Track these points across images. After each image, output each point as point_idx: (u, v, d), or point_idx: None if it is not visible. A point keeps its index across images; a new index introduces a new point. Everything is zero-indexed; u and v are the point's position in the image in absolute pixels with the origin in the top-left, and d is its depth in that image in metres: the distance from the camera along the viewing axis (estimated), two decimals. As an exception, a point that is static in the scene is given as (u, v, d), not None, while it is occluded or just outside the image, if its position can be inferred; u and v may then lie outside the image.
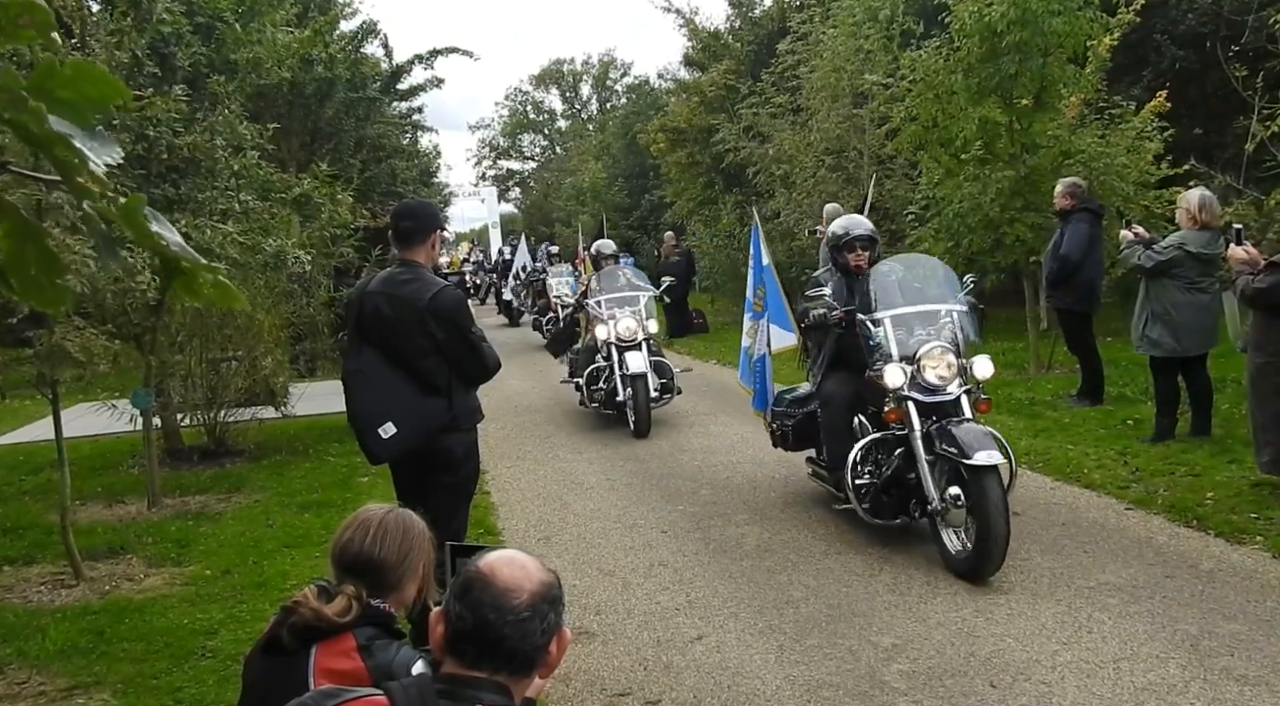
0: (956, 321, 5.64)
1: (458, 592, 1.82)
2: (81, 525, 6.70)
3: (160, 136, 7.26)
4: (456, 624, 1.80)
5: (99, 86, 1.03)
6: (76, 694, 4.37)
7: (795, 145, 15.43)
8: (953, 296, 5.76)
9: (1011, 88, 9.73)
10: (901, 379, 5.39)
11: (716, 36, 22.43)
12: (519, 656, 1.79)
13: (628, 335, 9.38)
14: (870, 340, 5.68)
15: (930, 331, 5.61)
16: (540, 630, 1.81)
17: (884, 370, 5.43)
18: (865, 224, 6.44)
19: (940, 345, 5.44)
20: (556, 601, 1.85)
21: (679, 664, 4.39)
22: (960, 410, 5.35)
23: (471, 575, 1.83)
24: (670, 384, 9.56)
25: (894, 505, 5.60)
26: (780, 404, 6.82)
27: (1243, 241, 6.03)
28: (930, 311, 5.71)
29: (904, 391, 5.40)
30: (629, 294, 9.92)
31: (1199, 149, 11.74)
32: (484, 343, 4.40)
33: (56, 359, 5.80)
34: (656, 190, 26.07)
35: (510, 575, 1.82)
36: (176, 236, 1.13)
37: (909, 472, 5.45)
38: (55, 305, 1.19)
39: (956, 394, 5.38)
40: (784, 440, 6.79)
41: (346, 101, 17.43)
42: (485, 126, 57.26)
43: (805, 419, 6.54)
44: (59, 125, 1.01)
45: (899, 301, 5.72)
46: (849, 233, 6.24)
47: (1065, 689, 3.92)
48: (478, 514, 6.36)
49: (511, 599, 1.79)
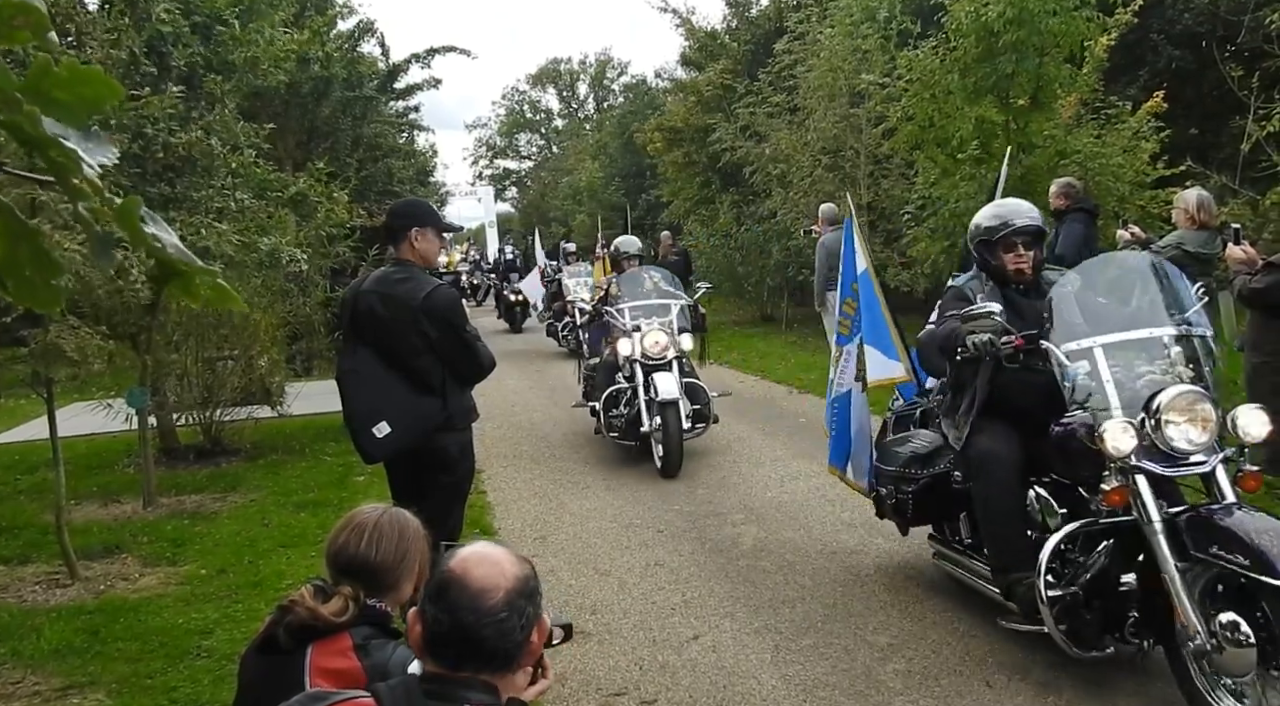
0: (1198, 352, 3.88)
1: (432, 594, 1.81)
2: (77, 524, 6.68)
3: (157, 134, 7.25)
4: (434, 626, 1.79)
5: (94, 87, 1.03)
6: (71, 693, 4.36)
7: (792, 145, 15.44)
8: (1184, 313, 3.94)
9: (1008, 87, 9.74)
10: (1132, 442, 3.63)
11: (713, 36, 22.45)
12: (500, 655, 1.79)
13: (656, 352, 7.91)
14: (1065, 380, 3.88)
15: (1158, 367, 3.86)
16: (519, 626, 1.80)
17: (1105, 428, 3.65)
18: (1029, 210, 4.50)
19: (1192, 392, 3.66)
20: (534, 594, 1.85)
21: (675, 663, 4.39)
22: (1219, 489, 3.65)
23: (445, 576, 1.81)
24: (706, 411, 8.02)
25: (1098, 623, 3.84)
26: (891, 460, 5.01)
27: (1241, 241, 6.04)
28: (1155, 337, 3.90)
29: (1132, 460, 3.66)
30: (657, 302, 8.44)
31: (1195, 149, 11.75)
32: (478, 342, 4.40)
33: (51, 358, 5.79)
34: (653, 189, 26.09)
35: (484, 574, 1.80)
36: (174, 238, 1.12)
37: (1121, 577, 3.81)
38: (51, 306, 1.19)
39: (1213, 465, 3.67)
40: (900, 512, 5.01)
41: (343, 101, 17.41)
42: (482, 126, 57.30)
43: (933, 484, 4.72)
44: (53, 127, 1.00)
45: (1110, 324, 3.97)
46: (1008, 223, 4.38)
47: (1061, 688, 3.93)
48: (474, 513, 6.36)
49: (488, 600, 1.77)
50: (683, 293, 8.84)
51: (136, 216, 1.06)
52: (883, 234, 14.70)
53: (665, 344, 7.91)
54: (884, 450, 5.19)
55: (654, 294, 8.55)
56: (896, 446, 5.08)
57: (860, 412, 5.39)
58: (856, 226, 5.63)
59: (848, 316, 5.63)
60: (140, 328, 7.26)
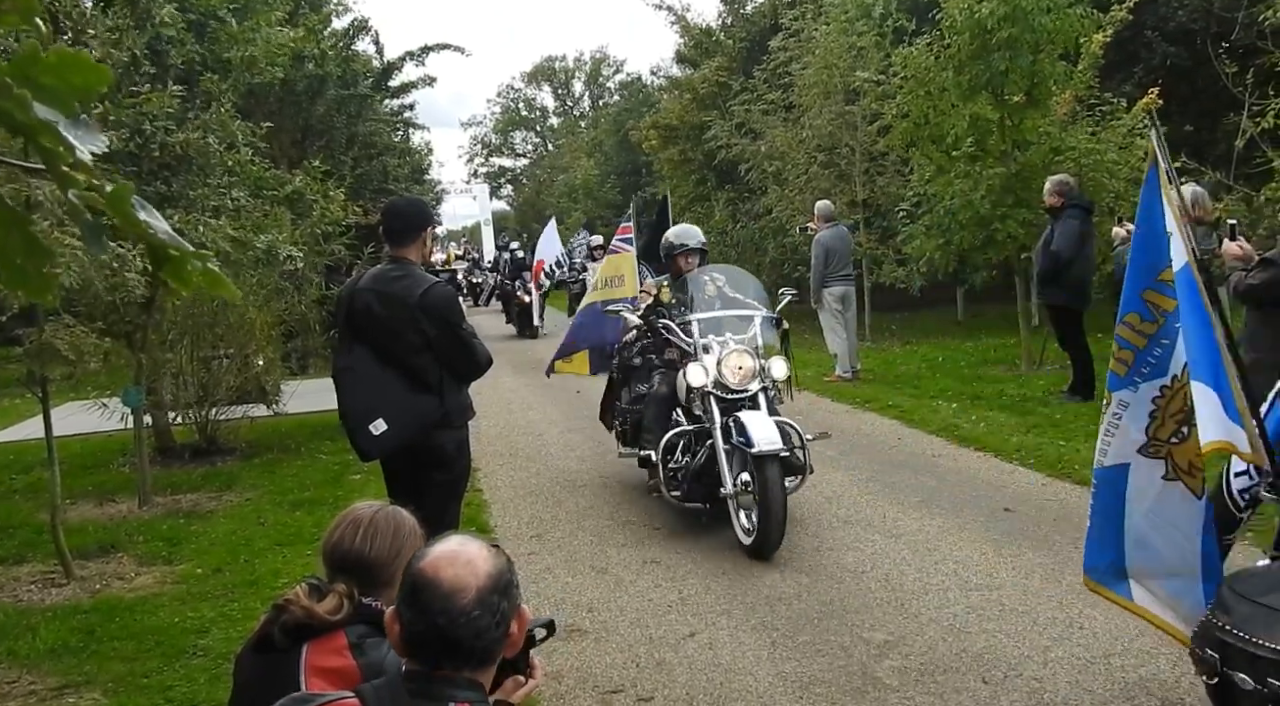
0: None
1: (406, 596, 1.80)
2: (72, 524, 6.66)
3: (156, 131, 7.24)
4: (410, 628, 1.79)
5: (83, 74, 1.01)
6: (67, 693, 4.35)
7: (787, 142, 15.44)
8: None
9: (1002, 84, 9.74)
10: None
11: (709, 33, 22.45)
12: (478, 652, 1.79)
13: (738, 382, 5.92)
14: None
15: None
16: (494, 622, 1.79)
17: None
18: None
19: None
20: (508, 587, 1.83)
21: (671, 661, 4.38)
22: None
23: (416, 577, 1.80)
24: (799, 460, 5.92)
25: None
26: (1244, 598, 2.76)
27: (1237, 237, 6.04)
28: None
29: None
30: (733, 313, 6.47)
31: (1190, 145, 11.77)
32: (475, 339, 4.39)
33: (46, 357, 5.77)
34: (649, 187, 26.07)
35: (454, 575, 1.78)
36: (165, 224, 1.12)
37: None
38: (42, 294, 1.18)
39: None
40: None
41: (337, 99, 17.38)
42: (477, 123, 57.44)
43: None
44: (43, 112, 0.99)
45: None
46: None
47: (1057, 684, 3.93)
48: (470, 511, 6.35)
49: (459, 600, 1.76)
50: (765, 301, 6.69)
51: (129, 203, 1.05)
52: (878, 231, 14.72)
53: (751, 370, 5.95)
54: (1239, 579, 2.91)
55: (725, 302, 6.60)
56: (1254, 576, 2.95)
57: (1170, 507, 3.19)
58: (1165, 176, 3.43)
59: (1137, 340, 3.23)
60: (135, 326, 7.24)
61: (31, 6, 1.00)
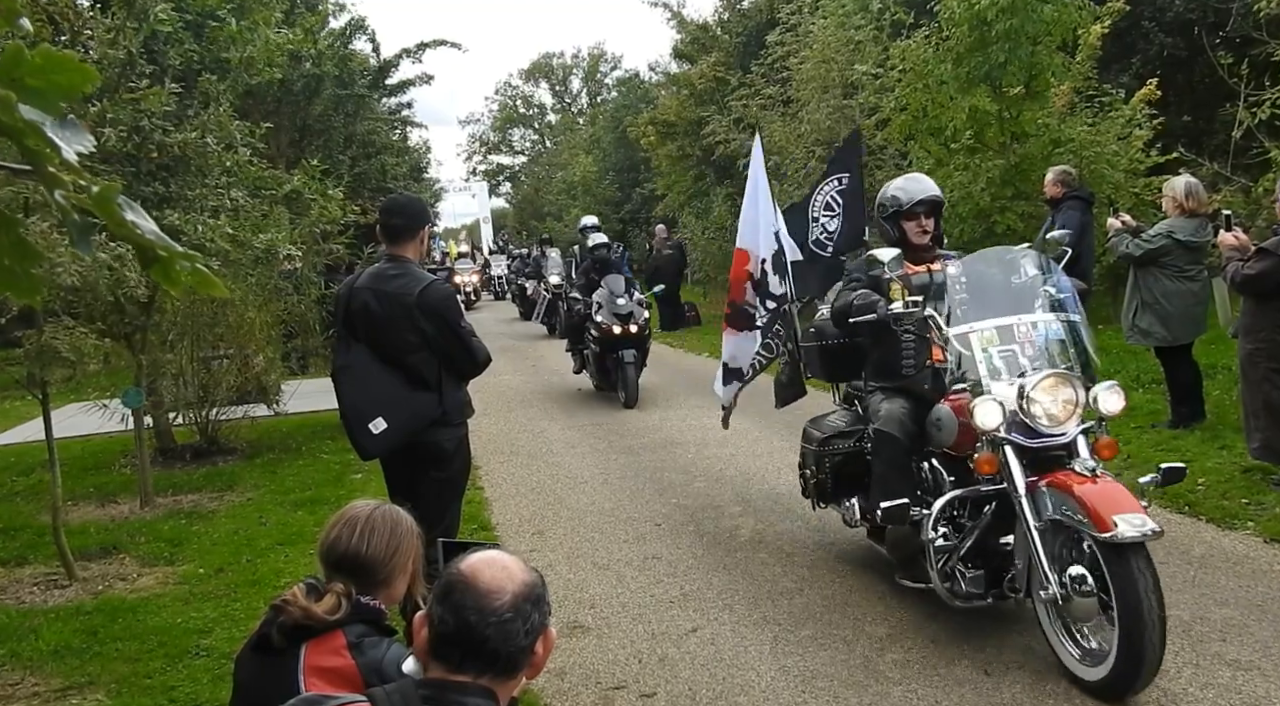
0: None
1: (439, 596, 1.81)
2: (74, 525, 6.67)
3: (153, 131, 7.22)
4: (439, 627, 1.79)
5: (69, 74, 1.01)
6: (70, 694, 4.35)
7: (785, 136, 15.43)
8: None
9: (1001, 76, 9.74)
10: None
11: (705, 29, 22.43)
12: (503, 658, 1.78)
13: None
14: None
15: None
16: (524, 631, 1.79)
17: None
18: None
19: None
20: (540, 601, 1.84)
21: (674, 656, 4.39)
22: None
23: (453, 578, 1.81)
24: None
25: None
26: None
27: (1234, 228, 6.04)
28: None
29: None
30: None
31: (1187, 136, 11.77)
32: (474, 337, 4.39)
33: (46, 358, 5.77)
34: (647, 183, 26.07)
35: (492, 577, 1.80)
36: (152, 225, 1.11)
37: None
38: (30, 295, 1.18)
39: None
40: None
41: (335, 98, 17.39)
42: (475, 121, 57.45)
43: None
44: (29, 113, 0.99)
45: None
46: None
47: (1059, 676, 3.93)
48: (471, 509, 6.35)
49: (493, 600, 1.77)
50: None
51: (114, 202, 1.05)
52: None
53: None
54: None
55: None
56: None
57: None
58: None
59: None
60: (135, 327, 7.24)
61: (13, 9, 1.00)
